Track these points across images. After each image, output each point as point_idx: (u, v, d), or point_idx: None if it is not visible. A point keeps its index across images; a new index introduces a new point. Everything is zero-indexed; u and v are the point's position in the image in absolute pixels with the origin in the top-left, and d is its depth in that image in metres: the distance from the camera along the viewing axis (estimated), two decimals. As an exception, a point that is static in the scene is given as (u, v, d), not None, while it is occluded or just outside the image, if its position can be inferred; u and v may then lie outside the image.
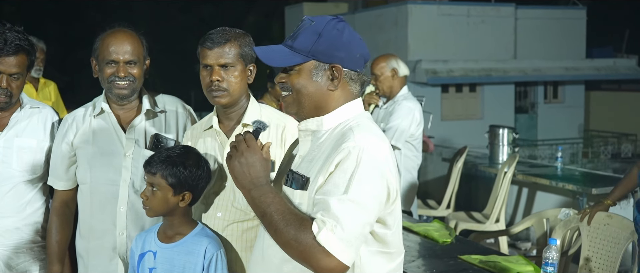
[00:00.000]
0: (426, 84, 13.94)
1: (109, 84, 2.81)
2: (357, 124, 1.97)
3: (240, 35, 2.63)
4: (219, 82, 2.57)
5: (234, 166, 1.97)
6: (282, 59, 1.99)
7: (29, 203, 2.99)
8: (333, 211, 1.79)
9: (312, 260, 1.79)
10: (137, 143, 2.85)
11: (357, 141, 1.87)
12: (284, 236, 1.82)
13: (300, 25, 2.01)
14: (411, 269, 3.28)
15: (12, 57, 2.81)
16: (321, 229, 1.78)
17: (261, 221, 1.92)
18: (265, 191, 1.91)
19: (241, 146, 1.98)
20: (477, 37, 14.98)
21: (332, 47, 1.97)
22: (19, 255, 2.99)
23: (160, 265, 2.55)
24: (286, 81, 2.01)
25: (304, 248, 1.79)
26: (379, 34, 14.78)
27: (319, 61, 1.97)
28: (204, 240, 2.53)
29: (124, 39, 2.81)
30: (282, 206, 1.87)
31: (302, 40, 1.97)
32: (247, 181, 1.95)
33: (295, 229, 1.80)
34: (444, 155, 8.46)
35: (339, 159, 1.86)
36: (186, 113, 2.99)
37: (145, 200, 2.52)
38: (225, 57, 2.56)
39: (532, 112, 16.90)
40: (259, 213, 1.91)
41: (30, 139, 2.97)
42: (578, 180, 6.43)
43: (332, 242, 1.77)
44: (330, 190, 1.83)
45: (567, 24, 16.32)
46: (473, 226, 6.08)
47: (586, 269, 3.87)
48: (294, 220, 1.83)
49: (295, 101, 2.01)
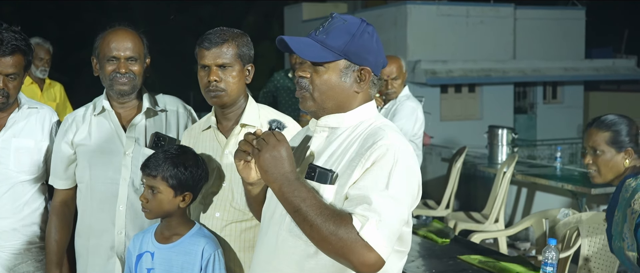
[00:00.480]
0: (425, 84, 13.94)
1: (110, 80, 2.81)
2: (384, 124, 1.99)
3: (238, 35, 2.62)
4: (216, 83, 2.56)
5: (266, 160, 1.90)
6: (316, 53, 1.95)
7: (26, 204, 2.98)
8: (375, 206, 1.79)
9: (353, 255, 1.77)
10: (137, 141, 2.85)
11: (392, 140, 1.89)
12: (322, 231, 1.79)
13: (331, 22, 1.98)
14: (411, 269, 3.28)
15: (8, 58, 2.80)
16: (364, 224, 1.77)
17: (293, 217, 1.87)
18: (297, 186, 1.87)
19: (271, 140, 1.92)
20: (476, 38, 14.99)
21: (363, 50, 1.97)
22: (17, 257, 2.98)
23: (158, 266, 2.55)
24: (310, 76, 1.98)
25: (344, 243, 1.77)
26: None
27: (350, 62, 1.97)
28: (202, 240, 2.53)
29: (124, 36, 2.82)
30: (317, 201, 1.84)
31: (335, 37, 1.95)
32: (279, 175, 1.89)
33: (335, 224, 1.78)
34: (443, 155, 8.45)
35: (377, 156, 1.86)
36: (187, 113, 2.98)
37: (145, 203, 2.51)
38: (223, 57, 2.55)
39: (531, 112, 16.90)
40: (291, 208, 1.86)
41: (28, 140, 2.96)
42: (577, 180, 6.43)
43: (375, 236, 1.77)
44: (369, 186, 1.82)
45: (566, 24, 16.33)
46: (472, 227, 6.08)
47: (585, 269, 3.86)
48: (332, 215, 1.80)
49: (318, 98, 1.98)
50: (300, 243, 1.93)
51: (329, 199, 1.90)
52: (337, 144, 1.98)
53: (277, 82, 6.62)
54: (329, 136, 2.02)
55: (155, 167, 2.49)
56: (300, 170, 2.00)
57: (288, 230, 1.96)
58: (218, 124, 2.68)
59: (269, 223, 2.06)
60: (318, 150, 2.03)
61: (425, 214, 6.52)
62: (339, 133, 2.01)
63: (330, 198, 1.90)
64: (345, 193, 1.88)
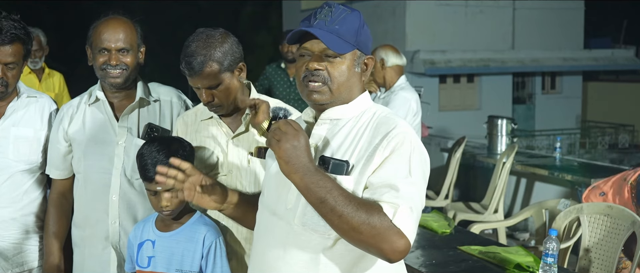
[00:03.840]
0: (424, 74, 13.93)
1: (102, 72, 2.79)
2: (389, 112, 2.01)
3: (217, 45, 2.47)
4: (210, 103, 2.53)
5: (286, 150, 1.82)
6: (339, 45, 1.92)
7: (25, 194, 2.97)
8: (402, 193, 1.79)
9: (386, 242, 1.76)
10: (130, 131, 2.83)
11: (405, 128, 1.90)
12: (353, 221, 1.76)
13: (335, 12, 1.94)
14: (410, 260, 3.27)
15: (7, 46, 2.78)
16: (396, 211, 1.77)
17: (317, 208, 1.81)
18: (321, 175, 1.82)
19: (290, 130, 1.84)
20: (475, 28, 14.98)
21: (368, 39, 1.99)
22: (15, 246, 2.97)
23: (159, 254, 2.55)
24: (325, 68, 1.94)
25: (377, 231, 1.75)
26: (377, 25, 14.75)
27: (361, 52, 1.98)
28: (203, 228, 2.53)
29: (116, 26, 2.78)
30: (343, 191, 1.81)
31: (347, 28, 1.93)
32: (301, 166, 1.82)
33: (366, 213, 1.76)
34: (442, 146, 8.45)
35: (395, 144, 1.86)
36: (181, 103, 2.95)
37: (168, 206, 2.47)
38: (209, 79, 2.47)
39: (530, 102, 16.92)
40: (316, 199, 1.80)
41: (27, 129, 2.95)
42: (577, 170, 6.43)
43: (407, 223, 1.77)
44: (392, 174, 1.82)
45: (565, 14, 16.32)
46: (472, 217, 6.08)
47: (586, 260, 3.86)
48: (361, 204, 1.78)
49: (335, 89, 1.95)
50: (316, 236, 1.91)
51: (349, 189, 1.87)
52: (344, 135, 1.96)
53: (270, 75, 6.57)
54: (331, 128, 2.00)
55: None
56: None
57: (301, 223, 1.93)
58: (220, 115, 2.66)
59: (271, 218, 2.02)
60: (323, 142, 1.99)
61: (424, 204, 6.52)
62: (342, 124, 1.98)
63: (350, 188, 1.87)
64: (365, 183, 1.86)
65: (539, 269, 2.96)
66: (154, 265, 2.56)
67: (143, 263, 2.58)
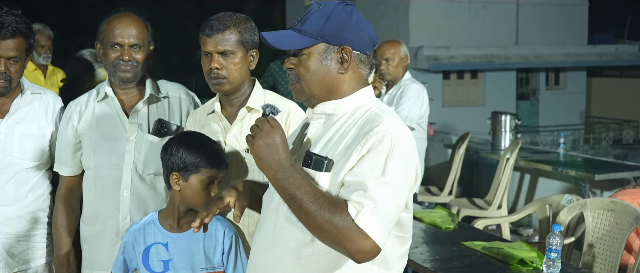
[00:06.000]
0: (427, 70, 13.91)
1: (113, 67, 2.80)
2: (381, 109, 1.96)
3: (241, 20, 2.60)
4: (217, 70, 2.55)
5: (259, 147, 1.88)
6: (291, 42, 1.96)
7: (31, 191, 2.98)
8: (371, 193, 1.77)
9: (348, 242, 1.76)
10: (140, 127, 2.84)
11: (388, 126, 1.86)
12: (316, 219, 1.78)
13: (308, 10, 1.98)
14: (414, 255, 3.27)
15: (9, 40, 2.78)
16: (359, 211, 1.75)
17: (288, 204, 1.86)
18: (292, 173, 1.85)
19: (265, 127, 1.90)
20: (478, 24, 14.95)
21: (341, 29, 1.95)
22: (21, 243, 2.98)
23: (177, 256, 2.50)
24: (295, 66, 1.99)
25: (339, 230, 1.76)
26: (381, 21, 14.74)
27: (328, 44, 1.96)
28: (219, 223, 2.51)
29: (129, 22, 2.80)
30: (312, 188, 1.82)
31: (310, 23, 1.95)
32: (273, 163, 1.87)
33: (330, 212, 1.77)
34: (445, 141, 8.45)
35: (373, 142, 1.84)
36: (189, 99, 2.97)
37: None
38: (224, 44, 2.54)
39: (534, 98, 16.88)
40: (286, 196, 1.85)
41: (31, 126, 2.95)
42: (580, 166, 6.41)
43: (371, 223, 1.75)
44: (365, 173, 1.81)
45: (569, 10, 16.27)
46: (475, 213, 6.07)
47: (590, 255, 3.86)
48: (327, 202, 1.79)
49: (305, 87, 1.98)
50: (297, 231, 1.92)
51: (325, 186, 1.88)
52: (334, 130, 1.97)
53: (273, 72, 6.59)
54: (326, 123, 2.01)
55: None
56: (297, 157, 1.99)
57: (285, 217, 1.95)
58: (222, 110, 2.68)
59: (267, 210, 2.06)
60: (315, 137, 2.02)
61: (428, 200, 6.52)
62: (336, 120, 1.99)
63: (325, 185, 1.89)
64: (341, 180, 1.86)
65: (542, 264, 2.96)
66: (174, 268, 2.49)
67: (157, 268, 2.51)
